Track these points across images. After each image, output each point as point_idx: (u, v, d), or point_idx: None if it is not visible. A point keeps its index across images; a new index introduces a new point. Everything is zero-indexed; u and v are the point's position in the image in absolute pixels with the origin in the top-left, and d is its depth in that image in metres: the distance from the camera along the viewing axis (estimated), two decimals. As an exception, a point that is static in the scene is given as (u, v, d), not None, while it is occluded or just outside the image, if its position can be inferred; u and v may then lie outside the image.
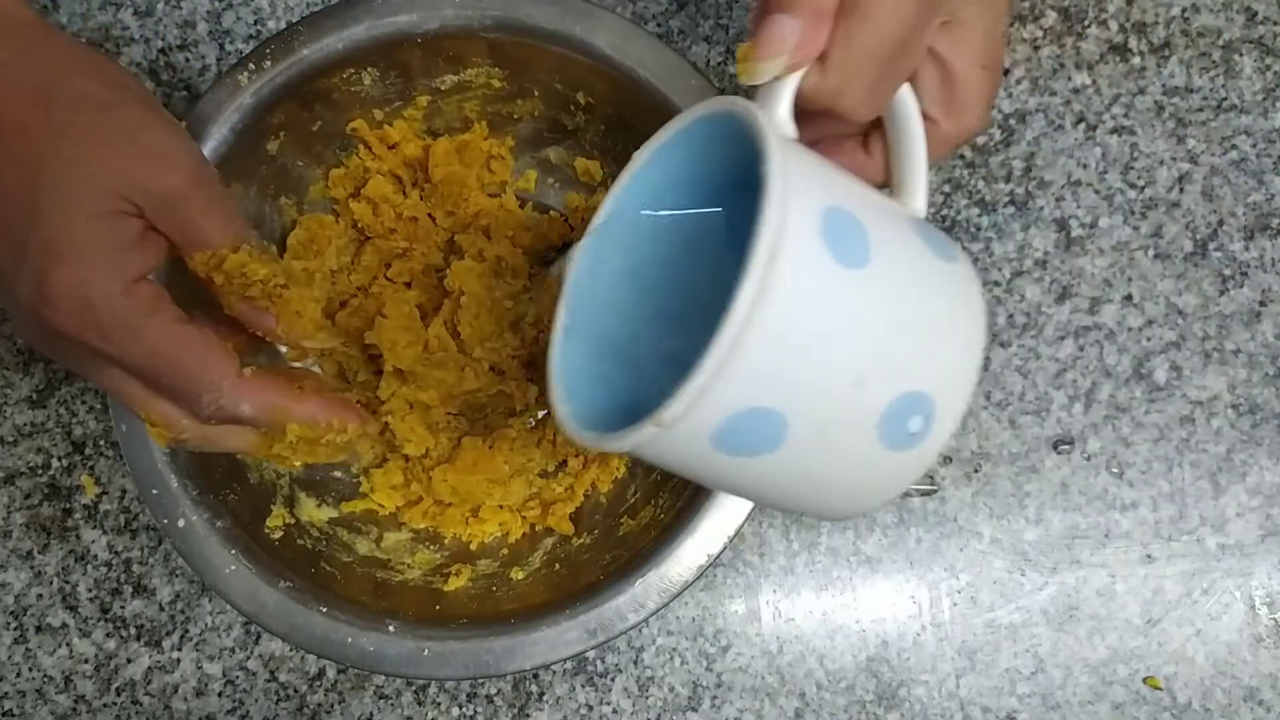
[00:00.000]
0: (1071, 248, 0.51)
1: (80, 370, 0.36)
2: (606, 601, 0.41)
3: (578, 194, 0.49)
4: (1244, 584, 0.50)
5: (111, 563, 0.49)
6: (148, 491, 0.41)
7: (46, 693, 0.49)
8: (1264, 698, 0.49)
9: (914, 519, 0.50)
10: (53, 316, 0.32)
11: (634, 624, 0.41)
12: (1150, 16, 0.52)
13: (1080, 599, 0.49)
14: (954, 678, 0.49)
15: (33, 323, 0.33)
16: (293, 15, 0.51)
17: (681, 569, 0.41)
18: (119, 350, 0.33)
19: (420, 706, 0.49)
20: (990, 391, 0.50)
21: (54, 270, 0.32)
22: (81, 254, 0.32)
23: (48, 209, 0.32)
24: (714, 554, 0.41)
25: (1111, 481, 0.50)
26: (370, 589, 0.44)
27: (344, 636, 0.41)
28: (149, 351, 0.34)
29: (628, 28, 0.42)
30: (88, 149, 0.33)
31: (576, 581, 0.43)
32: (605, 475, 0.48)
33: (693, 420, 0.27)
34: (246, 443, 0.39)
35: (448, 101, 0.47)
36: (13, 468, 0.50)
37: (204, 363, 0.35)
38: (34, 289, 0.32)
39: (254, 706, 0.49)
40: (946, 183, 0.51)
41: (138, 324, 0.33)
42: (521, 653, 0.41)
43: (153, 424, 0.37)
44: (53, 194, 0.32)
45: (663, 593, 0.41)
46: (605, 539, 0.46)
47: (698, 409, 0.27)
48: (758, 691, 0.49)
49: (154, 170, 0.33)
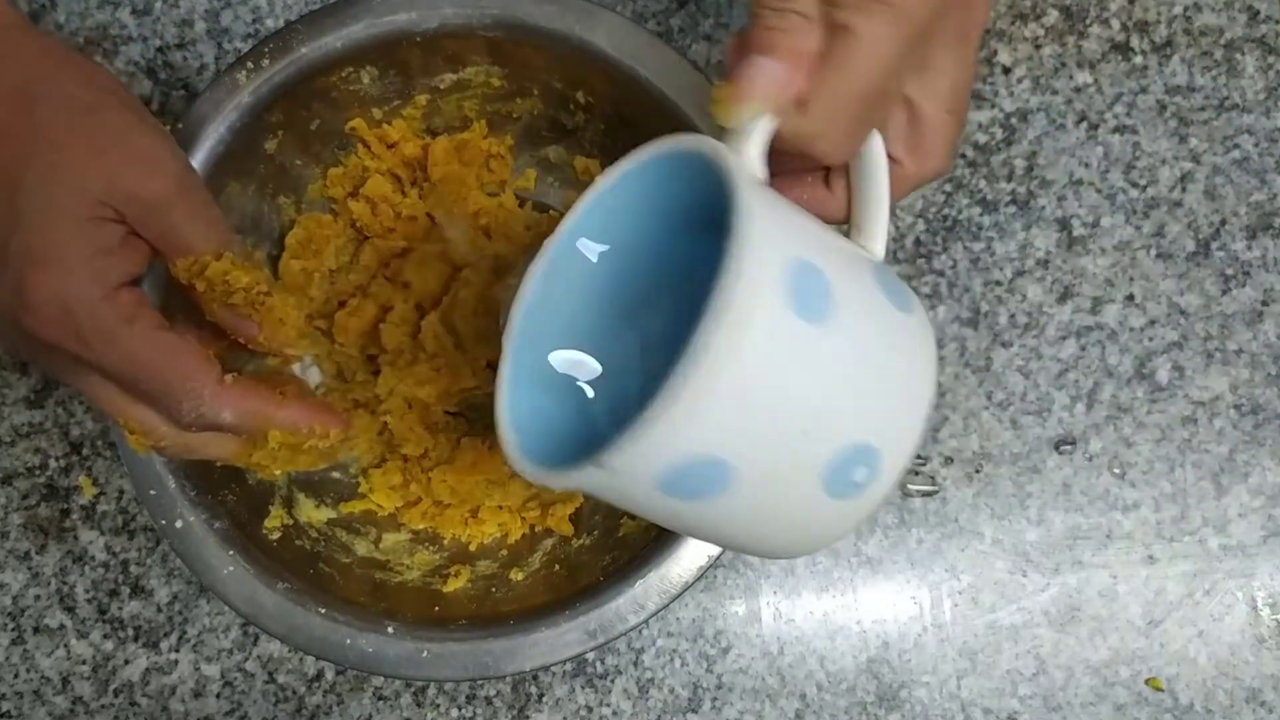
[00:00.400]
0: (1073, 247, 0.51)
1: (60, 376, 0.36)
2: (606, 603, 0.41)
3: (577, 193, 0.49)
4: (1246, 585, 0.49)
5: (109, 564, 0.49)
6: (145, 492, 0.41)
7: (44, 694, 0.49)
8: (1266, 699, 0.49)
9: (915, 520, 0.50)
10: (32, 323, 0.32)
11: (634, 625, 0.41)
12: (1152, 15, 0.51)
13: (1082, 600, 0.49)
14: (955, 679, 0.49)
15: (12, 329, 0.33)
16: (291, 14, 0.51)
17: (681, 570, 0.41)
18: (98, 357, 0.33)
19: (419, 708, 0.49)
20: (992, 392, 0.50)
21: (33, 275, 0.31)
22: (62, 259, 0.32)
23: (29, 213, 0.32)
24: (714, 555, 0.41)
25: (1113, 482, 0.50)
26: (369, 590, 0.44)
27: (343, 638, 0.41)
28: (128, 358, 0.34)
29: (628, 27, 0.42)
30: (70, 153, 0.32)
31: (576, 582, 0.43)
32: None
33: (637, 465, 0.27)
34: (227, 450, 0.39)
35: (447, 100, 0.47)
36: (10, 468, 0.49)
37: (184, 369, 0.35)
38: (13, 294, 0.32)
39: (252, 708, 0.49)
40: (948, 182, 0.51)
41: (117, 330, 0.33)
42: (521, 654, 0.41)
43: (131, 431, 0.37)
44: (34, 198, 0.32)
45: (663, 594, 0.41)
46: (605, 540, 0.46)
47: (642, 455, 0.26)
48: (758, 693, 0.49)
49: (137, 175, 0.33)
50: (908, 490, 0.50)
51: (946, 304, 0.50)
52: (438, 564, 0.47)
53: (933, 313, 0.50)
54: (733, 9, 0.51)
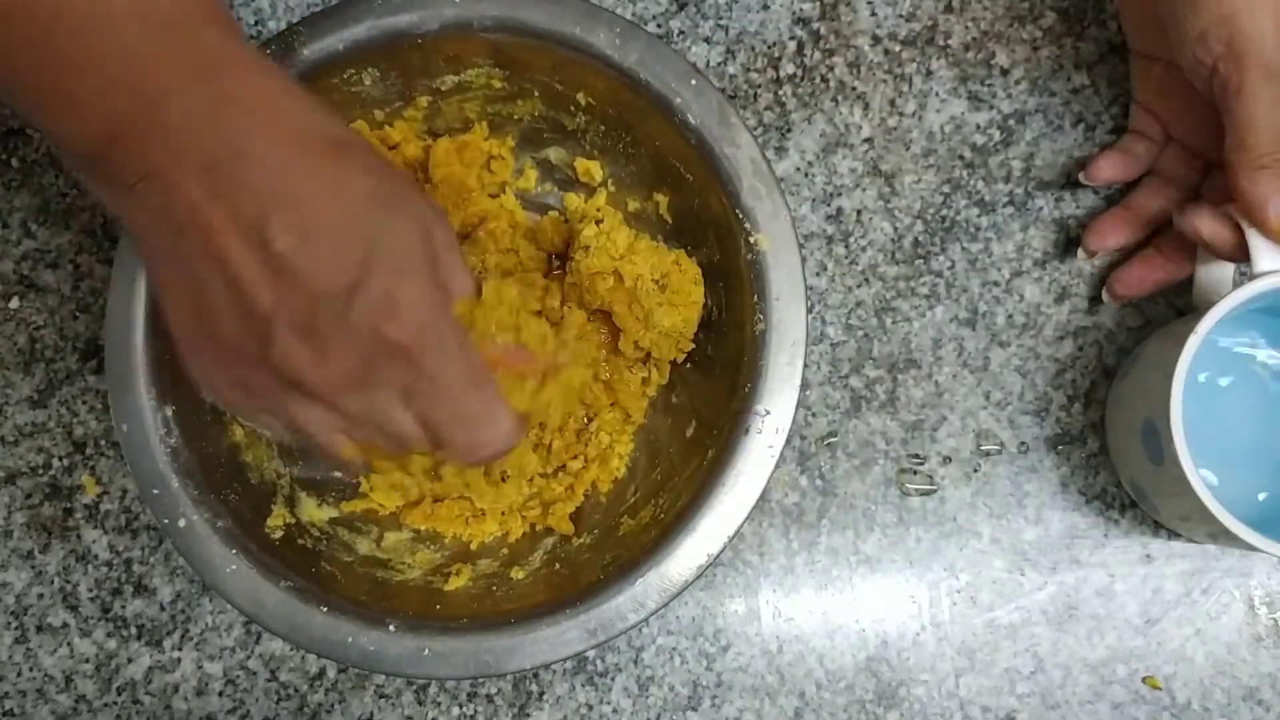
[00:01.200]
0: (1071, 248, 0.51)
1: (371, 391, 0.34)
2: (606, 601, 0.41)
3: (577, 195, 0.50)
4: (1243, 584, 0.50)
5: (112, 562, 0.49)
6: (148, 491, 0.41)
7: (47, 692, 0.49)
8: (1263, 697, 0.49)
9: (913, 518, 0.50)
10: (394, 328, 0.33)
11: (634, 624, 0.41)
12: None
13: (1080, 599, 0.49)
14: (953, 677, 0.49)
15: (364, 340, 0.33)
16: (293, 15, 0.51)
17: (681, 568, 0.41)
18: (437, 368, 0.34)
19: (420, 706, 0.49)
20: (990, 391, 0.50)
21: (402, 285, 0.33)
22: (420, 272, 0.34)
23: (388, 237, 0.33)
24: (714, 554, 0.41)
25: (1110, 481, 0.50)
26: (370, 588, 0.44)
27: (344, 636, 0.41)
28: (463, 372, 0.35)
29: (628, 28, 0.42)
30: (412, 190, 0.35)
31: (577, 581, 0.43)
32: (605, 475, 0.48)
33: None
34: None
35: (448, 102, 0.47)
36: (14, 467, 0.50)
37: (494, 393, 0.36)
38: (380, 300, 0.32)
39: (254, 706, 0.49)
40: (946, 183, 0.51)
41: (460, 345, 0.35)
42: (522, 652, 0.41)
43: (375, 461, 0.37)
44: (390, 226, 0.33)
45: (663, 592, 0.41)
46: (605, 539, 0.46)
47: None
48: (757, 691, 0.49)
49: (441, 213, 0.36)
50: (906, 489, 0.50)
51: (944, 304, 0.51)
52: (439, 563, 0.47)
53: (931, 313, 0.50)
54: (732, 12, 0.51)
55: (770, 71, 0.51)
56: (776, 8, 0.51)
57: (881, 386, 0.50)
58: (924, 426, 0.50)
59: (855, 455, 0.50)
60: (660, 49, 0.42)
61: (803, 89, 0.51)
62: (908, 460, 0.50)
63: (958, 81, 0.51)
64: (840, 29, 0.51)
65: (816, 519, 0.50)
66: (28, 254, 0.50)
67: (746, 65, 0.51)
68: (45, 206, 0.51)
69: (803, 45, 0.51)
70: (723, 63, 0.51)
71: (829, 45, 0.51)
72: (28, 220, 0.51)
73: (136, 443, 0.41)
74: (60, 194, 0.51)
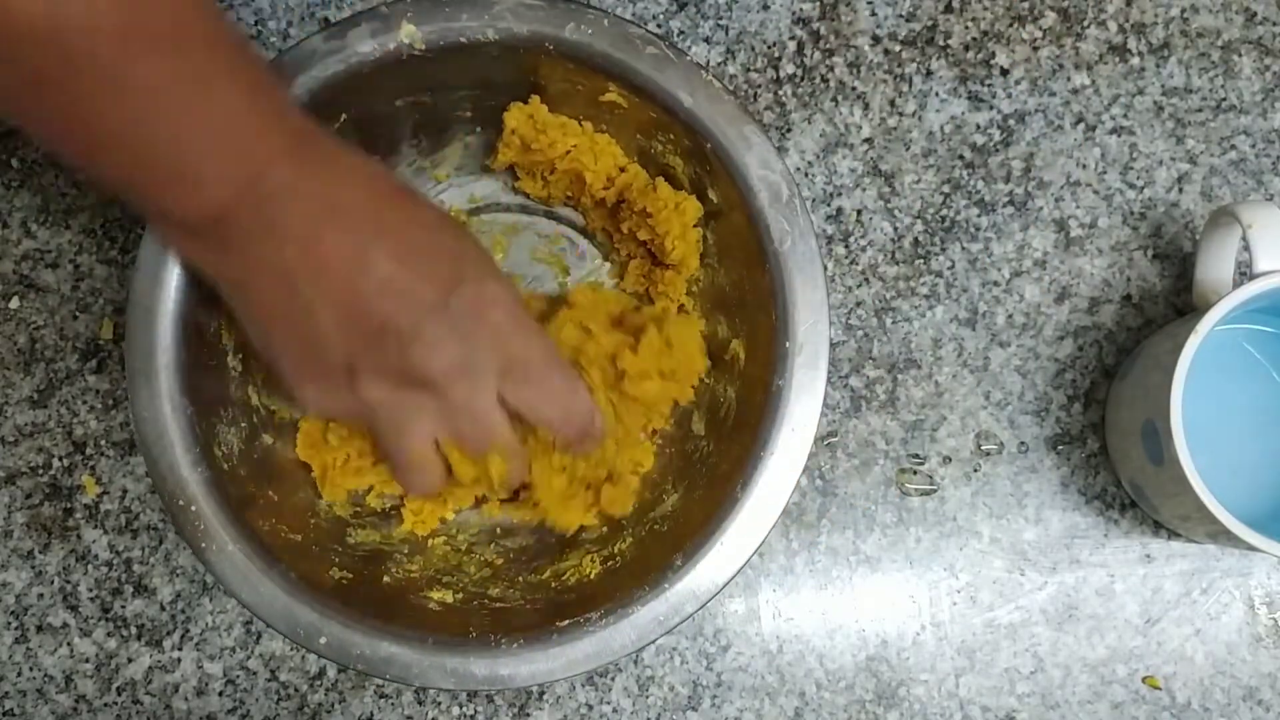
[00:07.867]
0: (1070, 248, 0.51)
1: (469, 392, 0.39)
2: (606, 628, 0.41)
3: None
4: (1243, 584, 0.50)
5: (112, 562, 0.49)
6: (174, 504, 0.41)
7: (47, 692, 0.49)
8: (1263, 697, 0.49)
9: (913, 519, 0.50)
10: (494, 310, 0.38)
11: (631, 651, 0.41)
12: (1149, 17, 0.52)
13: (1079, 598, 0.49)
14: (953, 677, 0.49)
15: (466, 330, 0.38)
16: (293, 16, 0.51)
17: (708, 582, 0.42)
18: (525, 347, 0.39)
19: (420, 706, 0.49)
20: (990, 391, 0.50)
21: (488, 283, 0.39)
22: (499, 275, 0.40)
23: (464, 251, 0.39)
24: (741, 564, 0.42)
25: (1110, 481, 0.50)
26: (382, 595, 0.44)
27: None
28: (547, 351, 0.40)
29: (626, 28, 0.42)
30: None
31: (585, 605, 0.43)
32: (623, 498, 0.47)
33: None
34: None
35: None
36: (14, 467, 0.50)
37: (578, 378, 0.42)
38: (474, 297, 0.38)
39: (254, 706, 0.49)
40: (946, 183, 0.51)
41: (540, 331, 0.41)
42: (526, 669, 0.41)
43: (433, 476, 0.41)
44: (462, 243, 0.40)
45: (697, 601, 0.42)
46: (613, 567, 0.46)
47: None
48: (757, 691, 0.49)
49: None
50: (906, 489, 0.50)
51: (944, 304, 0.51)
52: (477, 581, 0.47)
53: (931, 313, 0.51)
54: (732, 12, 0.51)
55: (770, 71, 0.51)
56: (776, 8, 0.51)
57: (881, 386, 0.50)
58: (924, 426, 0.50)
59: (855, 455, 0.50)
60: (661, 49, 0.42)
61: (803, 89, 0.51)
62: (908, 460, 0.50)
63: (958, 81, 0.51)
64: (840, 29, 0.51)
65: (816, 519, 0.50)
66: (28, 254, 0.50)
67: (746, 65, 0.51)
68: (45, 206, 0.51)
69: (803, 45, 0.51)
70: (723, 63, 0.51)
71: (829, 45, 0.51)
72: (28, 220, 0.51)
73: (163, 461, 0.42)
74: (60, 194, 0.51)
